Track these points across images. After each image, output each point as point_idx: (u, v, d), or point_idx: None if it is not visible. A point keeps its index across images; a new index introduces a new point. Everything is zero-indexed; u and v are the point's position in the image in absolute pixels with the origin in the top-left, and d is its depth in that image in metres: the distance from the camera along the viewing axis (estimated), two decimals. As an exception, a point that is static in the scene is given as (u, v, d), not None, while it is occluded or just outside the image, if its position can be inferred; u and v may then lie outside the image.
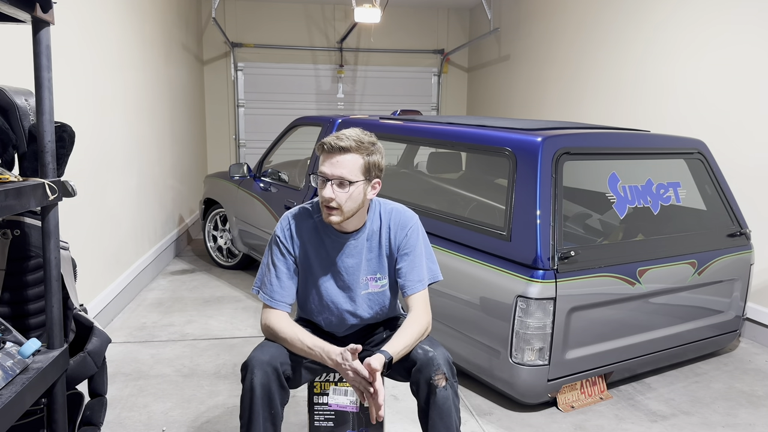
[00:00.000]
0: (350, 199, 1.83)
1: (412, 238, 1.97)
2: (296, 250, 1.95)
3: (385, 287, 2.01)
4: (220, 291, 4.62)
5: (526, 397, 2.70)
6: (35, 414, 1.79)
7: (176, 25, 6.06)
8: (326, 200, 1.82)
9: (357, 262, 1.96)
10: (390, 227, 1.98)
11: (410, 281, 1.95)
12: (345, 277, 1.97)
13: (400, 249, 1.97)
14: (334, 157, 1.82)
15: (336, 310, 2.00)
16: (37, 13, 1.56)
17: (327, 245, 1.96)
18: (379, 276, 1.99)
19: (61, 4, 2.94)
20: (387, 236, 1.98)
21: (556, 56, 6.11)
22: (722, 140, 3.93)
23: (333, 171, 1.81)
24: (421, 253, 1.99)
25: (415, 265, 1.96)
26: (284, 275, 1.94)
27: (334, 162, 1.82)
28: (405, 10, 8.44)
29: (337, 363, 1.75)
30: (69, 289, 1.94)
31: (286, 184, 4.39)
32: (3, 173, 1.55)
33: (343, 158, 1.82)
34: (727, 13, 3.93)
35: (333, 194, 1.81)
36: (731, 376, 3.18)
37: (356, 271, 1.97)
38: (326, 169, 1.83)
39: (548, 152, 2.70)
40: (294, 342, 1.83)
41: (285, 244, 1.95)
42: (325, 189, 1.82)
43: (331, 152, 1.82)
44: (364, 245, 1.97)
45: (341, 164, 1.81)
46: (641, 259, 2.84)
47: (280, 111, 8.28)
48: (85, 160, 3.36)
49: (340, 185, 1.82)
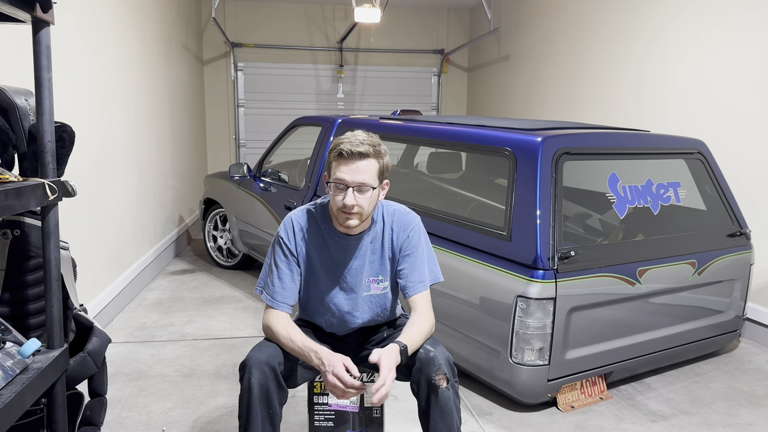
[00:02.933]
0: (369, 203, 1.84)
1: (414, 239, 1.97)
2: (299, 251, 1.95)
3: (386, 289, 2.01)
4: (220, 291, 4.62)
5: (526, 397, 2.70)
6: (35, 414, 1.79)
7: (176, 25, 6.06)
8: (348, 207, 1.80)
9: (360, 264, 1.96)
10: (393, 228, 1.98)
11: (412, 282, 1.95)
12: (348, 279, 1.97)
13: (401, 250, 1.97)
14: (354, 164, 1.79)
15: (337, 311, 2.00)
16: (37, 13, 1.56)
17: (330, 247, 1.96)
18: (381, 278, 1.99)
19: (61, 4, 2.94)
20: (390, 238, 1.98)
21: (556, 56, 6.11)
22: (726, 139, 3.93)
23: (354, 178, 1.79)
24: (423, 254, 1.99)
25: (416, 266, 1.96)
26: (286, 276, 1.94)
27: (354, 168, 1.79)
28: (405, 10, 8.44)
29: (321, 369, 1.74)
30: (69, 289, 1.94)
31: (286, 184, 4.39)
32: (3, 173, 1.55)
33: (361, 164, 1.80)
34: (730, 13, 3.93)
35: (355, 201, 1.80)
36: (731, 376, 3.18)
37: (359, 273, 1.97)
38: (346, 176, 1.80)
39: (548, 152, 2.70)
40: (286, 342, 1.83)
41: (288, 246, 1.95)
42: (347, 196, 1.80)
43: (350, 158, 1.79)
44: (367, 247, 1.97)
45: (361, 170, 1.80)
46: (641, 259, 2.84)
47: (280, 111, 8.28)
48: (85, 160, 3.36)
49: (360, 191, 1.81)
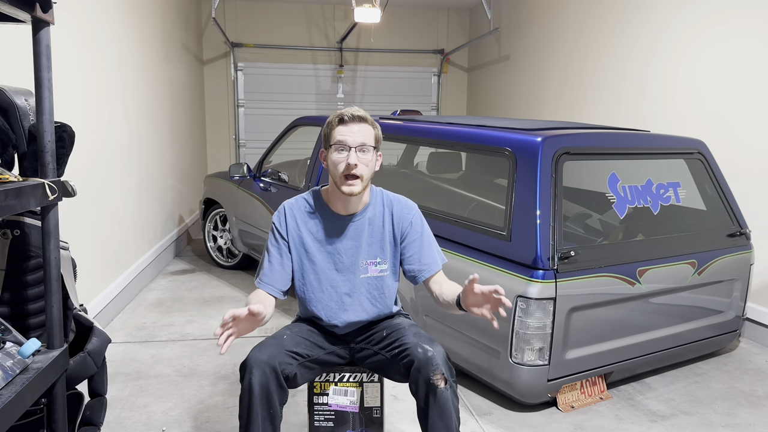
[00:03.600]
0: (369, 166, 1.92)
1: (417, 224, 2.05)
2: (291, 235, 2.00)
3: (384, 272, 2.03)
4: (220, 291, 4.62)
5: (526, 397, 2.70)
6: (35, 414, 1.80)
7: (176, 25, 6.06)
8: (351, 167, 1.87)
9: (356, 244, 2.00)
10: (393, 214, 2.04)
11: (425, 264, 2.03)
12: (344, 259, 2.00)
13: (406, 237, 2.03)
14: (354, 126, 1.90)
15: (335, 294, 2.01)
16: (37, 13, 1.56)
17: (326, 227, 2.00)
18: (379, 260, 2.02)
19: (61, 4, 2.94)
20: (390, 222, 2.03)
21: (556, 56, 6.10)
22: (728, 138, 3.93)
23: (355, 138, 1.89)
24: (429, 237, 2.08)
25: (425, 249, 2.05)
26: (276, 260, 1.99)
27: (355, 130, 1.89)
28: (405, 10, 8.44)
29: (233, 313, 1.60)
30: (69, 289, 1.94)
31: (286, 184, 4.39)
32: (3, 173, 1.55)
33: (360, 127, 1.91)
34: (731, 13, 3.93)
35: (357, 160, 1.88)
36: (731, 376, 3.18)
37: (356, 253, 2.00)
38: (348, 137, 1.89)
39: (548, 152, 2.70)
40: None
41: (279, 230, 2.01)
42: (350, 156, 1.87)
43: (351, 122, 1.90)
44: (365, 228, 2.01)
45: (362, 132, 1.90)
46: (641, 259, 2.85)
47: (280, 111, 8.28)
48: (85, 160, 3.36)
49: (362, 150, 1.89)
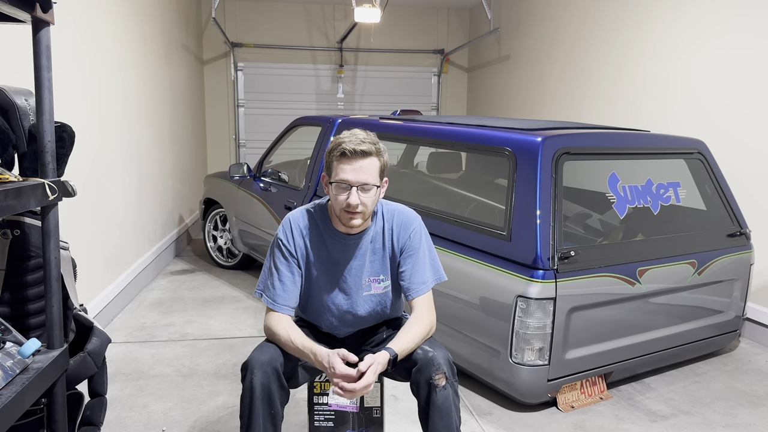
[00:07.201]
0: (372, 202, 1.85)
1: (415, 239, 1.97)
2: (299, 252, 1.95)
3: (387, 288, 2.01)
4: (220, 291, 4.62)
5: (526, 397, 2.70)
6: (35, 414, 1.79)
7: (176, 25, 6.06)
8: (353, 207, 1.81)
9: (360, 263, 1.96)
10: (393, 228, 1.97)
11: (414, 284, 1.94)
12: (348, 279, 1.96)
13: (403, 251, 1.96)
14: (356, 162, 1.80)
15: (337, 311, 1.99)
16: (37, 13, 1.56)
17: (330, 247, 1.95)
18: (382, 278, 1.99)
19: (61, 4, 2.94)
20: (390, 237, 1.97)
21: (556, 56, 6.10)
22: (728, 138, 3.93)
23: (357, 177, 1.80)
24: (425, 254, 1.98)
25: (418, 267, 1.95)
26: (287, 279, 1.92)
27: (357, 168, 1.80)
28: (405, 10, 8.44)
29: (323, 366, 1.74)
30: (69, 289, 1.94)
31: (286, 184, 4.39)
32: (3, 173, 1.55)
33: (364, 163, 1.80)
34: (731, 12, 3.92)
35: (359, 200, 1.80)
36: (731, 376, 3.18)
37: (359, 272, 1.96)
38: (349, 176, 1.80)
39: (548, 152, 2.70)
40: (287, 343, 1.83)
41: (287, 247, 1.94)
42: (351, 196, 1.80)
43: (353, 157, 1.79)
44: (368, 247, 1.96)
45: (364, 169, 1.80)
46: (641, 259, 2.84)
47: (280, 111, 8.28)
48: (85, 160, 3.36)
49: (364, 190, 1.81)
